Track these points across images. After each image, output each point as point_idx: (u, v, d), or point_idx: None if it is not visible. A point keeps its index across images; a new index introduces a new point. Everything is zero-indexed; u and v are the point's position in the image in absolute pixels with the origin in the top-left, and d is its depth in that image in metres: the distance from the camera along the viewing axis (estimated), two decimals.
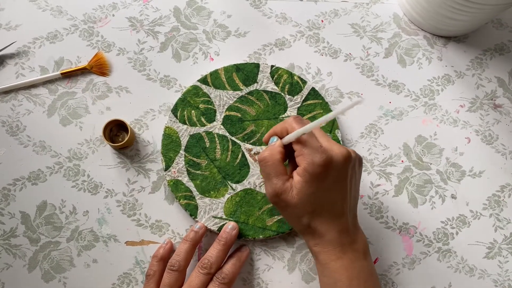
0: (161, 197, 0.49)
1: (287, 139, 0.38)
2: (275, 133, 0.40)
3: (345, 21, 0.56)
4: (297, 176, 0.37)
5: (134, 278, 0.47)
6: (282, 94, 0.51)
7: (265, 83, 0.52)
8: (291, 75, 0.52)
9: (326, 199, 0.37)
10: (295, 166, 0.38)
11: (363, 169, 0.51)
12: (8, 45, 0.53)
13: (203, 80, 0.51)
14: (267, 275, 0.48)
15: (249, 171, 0.49)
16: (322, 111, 0.51)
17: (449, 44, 0.56)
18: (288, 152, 0.40)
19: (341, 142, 0.50)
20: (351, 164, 0.38)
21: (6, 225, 0.48)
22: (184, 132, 0.50)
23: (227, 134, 0.50)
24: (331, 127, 0.50)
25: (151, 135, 0.51)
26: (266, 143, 0.41)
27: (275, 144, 0.39)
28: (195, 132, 0.50)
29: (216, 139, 0.50)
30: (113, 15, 0.55)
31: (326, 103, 0.51)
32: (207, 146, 0.49)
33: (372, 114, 0.53)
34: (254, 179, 0.48)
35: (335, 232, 0.37)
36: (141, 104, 0.52)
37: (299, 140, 0.37)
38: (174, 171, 0.48)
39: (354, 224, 0.40)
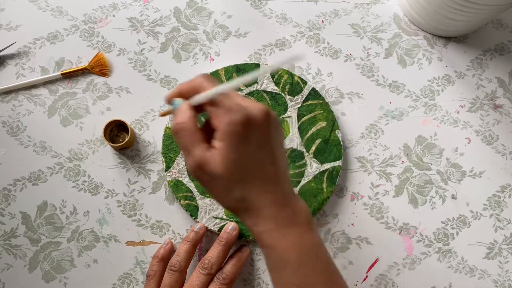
0: (162, 197, 0.49)
1: (198, 99, 0.33)
2: (181, 93, 0.34)
3: (346, 22, 0.56)
4: (218, 142, 0.32)
5: (135, 278, 0.47)
6: (283, 94, 0.51)
7: (265, 83, 0.52)
8: (291, 75, 0.52)
9: (255, 163, 0.32)
10: (208, 131, 0.34)
11: (362, 168, 0.51)
12: (8, 46, 0.53)
13: None
14: (268, 276, 0.48)
15: None
16: (322, 111, 0.51)
17: (449, 45, 0.56)
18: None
19: (341, 143, 0.50)
20: (272, 120, 0.33)
21: (6, 225, 0.48)
22: None
23: None
24: (332, 127, 0.50)
25: (152, 136, 0.51)
26: (169, 104, 0.35)
27: (184, 108, 0.33)
28: None
29: None
30: (114, 16, 0.55)
31: (327, 103, 0.51)
32: None
33: (372, 114, 0.53)
34: None
35: (272, 204, 0.33)
36: (142, 105, 0.52)
37: (212, 101, 0.32)
38: (175, 172, 0.48)
39: (291, 191, 0.35)
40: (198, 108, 0.34)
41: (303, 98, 0.51)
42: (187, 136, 0.32)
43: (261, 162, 0.33)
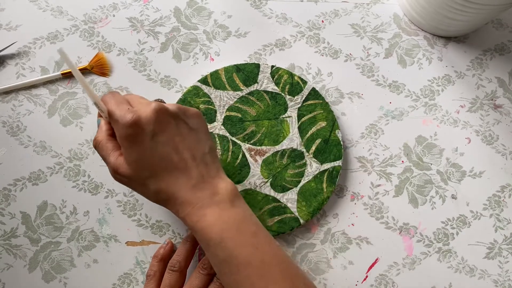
0: None
1: (100, 113, 0.38)
2: (99, 116, 0.40)
3: (346, 22, 0.56)
4: (121, 148, 0.36)
5: (135, 278, 0.47)
6: (283, 94, 0.51)
7: (265, 83, 0.52)
8: (291, 75, 0.52)
9: (156, 157, 0.35)
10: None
11: (362, 168, 0.51)
12: (8, 46, 0.53)
13: (204, 81, 0.51)
14: None
15: (249, 172, 0.49)
16: (322, 111, 0.51)
17: (449, 45, 0.56)
18: None
19: (341, 143, 0.50)
20: (169, 115, 0.36)
21: (6, 225, 0.48)
22: None
23: (227, 134, 0.50)
24: (332, 127, 0.50)
25: None
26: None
27: (101, 124, 0.39)
28: None
29: (217, 140, 0.50)
30: (114, 16, 0.55)
31: (327, 103, 0.51)
32: None
33: (372, 114, 0.53)
34: (254, 180, 0.49)
35: (187, 189, 0.36)
36: None
37: (109, 114, 0.36)
38: None
39: (210, 173, 0.37)
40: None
41: (303, 98, 0.51)
42: (102, 148, 0.37)
43: (161, 155, 0.36)
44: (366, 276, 0.48)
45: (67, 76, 0.52)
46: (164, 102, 0.43)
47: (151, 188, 0.36)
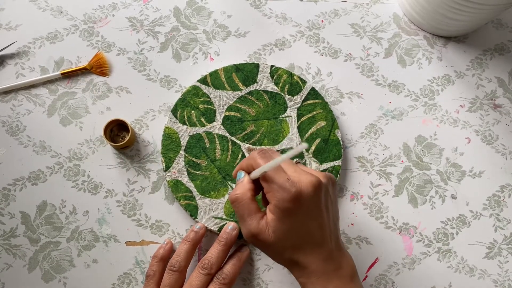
0: (161, 197, 0.49)
1: (253, 175, 0.37)
2: (242, 168, 0.39)
3: (345, 21, 0.56)
4: (270, 214, 0.36)
5: (134, 278, 0.47)
6: (282, 94, 0.51)
7: (264, 83, 0.52)
8: (290, 75, 0.52)
9: (303, 231, 0.36)
10: (267, 199, 0.37)
11: (362, 168, 0.51)
12: (8, 45, 0.53)
13: (203, 81, 0.51)
14: (267, 275, 0.48)
15: None
16: (321, 110, 0.51)
17: (449, 44, 0.56)
18: (259, 185, 0.38)
19: (341, 142, 0.50)
20: (323, 191, 0.36)
21: (6, 225, 0.48)
22: (184, 133, 0.50)
23: (227, 134, 0.50)
24: (331, 127, 0.50)
25: (151, 135, 0.51)
26: (235, 178, 0.40)
27: (244, 181, 0.38)
28: (195, 132, 0.50)
29: (216, 140, 0.50)
30: (113, 15, 0.55)
31: (326, 103, 0.51)
32: (207, 146, 0.49)
33: (372, 114, 0.53)
34: None
35: (318, 262, 0.36)
36: (141, 104, 0.52)
37: (265, 177, 0.36)
38: (174, 172, 0.48)
39: (338, 248, 0.38)
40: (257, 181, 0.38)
41: (303, 98, 0.51)
42: (243, 206, 0.37)
43: (308, 230, 0.36)
44: (366, 276, 0.48)
45: (67, 76, 0.52)
46: (301, 163, 0.44)
47: (286, 256, 0.37)
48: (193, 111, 0.50)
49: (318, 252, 0.37)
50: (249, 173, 0.39)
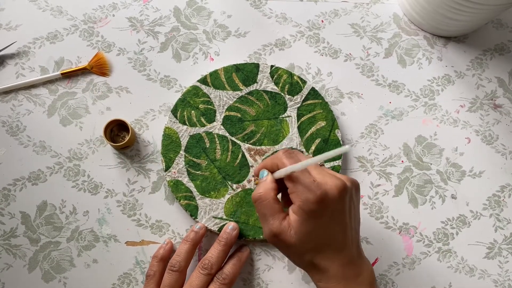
0: (161, 197, 0.49)
1: (278, 174, 0.37)
2: (266, 167, 0.39)
3: (345, 21, 0.56)
4: (293, 215, 0.36)
5: (134, 278, 0.47)
6: (282, 94, 0.51)
7: (264, 83, 0.52)
8: (290, 75, 0.52)
9: (326, 234, 0.36)
10: (289, 199, 0.37)
11: (362, 168, 0.51)
12: (8, 45, 0.53)
13: (203, 81, 0.51)
14: (267, 275, 0.48)
15: (249, 172, 0.49)
16: (321, 110, 0.51)
17: (449, 44, 0.56)
18: (281, 184, 0.38)
19: (341, 142, 0.50)
20: (348, 195, 0.36)
21: (6, 225, 0.48)
22: (184, 133, 0.50)
23: (227, 134, 0.50)
24: (331, 127, 0.50)
25: (151, 135, 0.51)
26: (257, 176, 0.40)
27: (267, 180, 0.38)
28: (195, 132, 0.50)
29: (216, 140, 0.50)
30: (113, 15, 0.55)
31: (326, 103, 0.51)
32: (207, 146, 0.49)
33: (372, 114, 0.53)
34: (254, 180, 0.49)
35: (338, 266, 0.36)
36: (141, 104, 0.52)
37: (290, 177, 0.36)
38: (174, 172, 0.48)
39: (358, 254, 0.38)
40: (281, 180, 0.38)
41: (303, 98, 0.51)
42: (266, 206, 0.36)
43: (331, 233, 0.36)
44: None
45: (67, 76, 0.52)
46: (325, 166, 0.44)
47: (307, 258, 0.36)
48: (193, 111, 0.50)
49: (339, 256, 0.36)
50: (272, 172, 0.38)
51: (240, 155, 0.49)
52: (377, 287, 0.39)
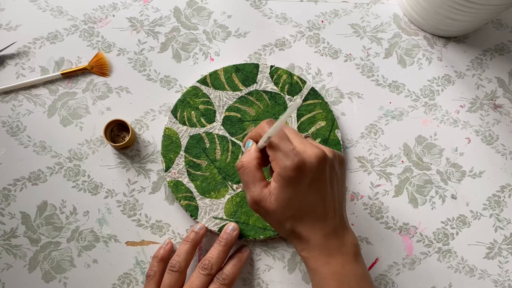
0: (162, 197, 0.49)
1: (260, 144, 0.38)
2: (251, 138, 0.40)
3: (345, 22, 0.56)
4: (273, 182, 0.36)
5: (135, 279, 0.47)
6: (282, 94, 0.51)
7: (264, 83, 0.52)
8: (290, 75, 0.52)
9: (305, 202, 0.36)
10: (273, 170, 0.37)
11: (362, 168, 0.51)
12: (8, 46, 0.53)
13: (203, 81, 0.51)
14: (268, 276, 0.48)
15: None
16: (321, 110, 0.51)
17: (449, 45, 0.56)
18: (267, 156, 0.38)
19: (341, 143, 0.50)
20: (327, 164, 0.36)
21: (6, 225, 0.48)
22: (184, 133, 0.50)
23: (227, 134, 0.50)
24: (331, 127, 0.50)
25: (152, 136, 0.51)
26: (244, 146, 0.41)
27: (251, 149, 0.38)
28: (195, 133, 0.50)
29: (216, 140, 0.50)
30: (113, 16, 0.55)
31: (326, 103, 0.51)
32: (207, 147, 0.49)
33: (372, 114, 0.53)
34: None
35: (320, 236, 0.37)
36: (142, 105, 0.52)
37: (270, 145, 0.36)
38: (175, 172, 0.48)
39: (342, 225, 0.38)
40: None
41: (302, 98, 0.51)
42: (248, 174, 0.37)
43: (311, 202, 0.37)
44: None
45: (67, 76, 0.52)
46: (311, 138, 0.44)
47: (287, 226, 0.37)
48: (193, 112, 0.50)
49: (319, 226, 0.37)
50: (257, 142, 0.39)
51: (240, 156, 0.49)
52: (362, 260, 0.39)
